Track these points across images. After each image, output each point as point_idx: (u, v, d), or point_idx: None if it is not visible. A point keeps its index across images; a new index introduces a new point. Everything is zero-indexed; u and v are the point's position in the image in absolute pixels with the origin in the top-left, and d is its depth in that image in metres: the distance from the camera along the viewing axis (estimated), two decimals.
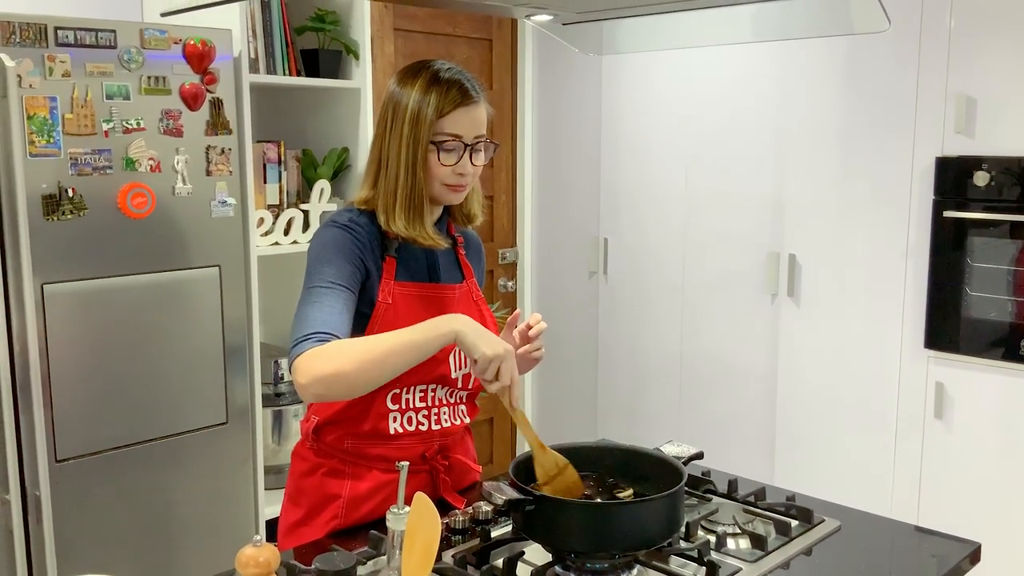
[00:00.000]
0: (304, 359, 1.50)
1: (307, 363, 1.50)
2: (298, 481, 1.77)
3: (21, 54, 2.22)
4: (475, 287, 1.84)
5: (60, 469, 2.36)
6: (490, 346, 1.51)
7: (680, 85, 3.45)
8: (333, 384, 1.50)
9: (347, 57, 3.18)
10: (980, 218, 2.79)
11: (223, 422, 2.69)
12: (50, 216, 2.30)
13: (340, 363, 1.49)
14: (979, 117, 2.77)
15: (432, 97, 1.64)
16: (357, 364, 1.49)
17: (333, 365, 1.49)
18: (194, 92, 2.53)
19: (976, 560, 1.64)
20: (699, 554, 1.51)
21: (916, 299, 2.94)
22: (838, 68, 3.04)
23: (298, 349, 1.52)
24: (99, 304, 2.41)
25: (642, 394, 3.71)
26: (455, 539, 1.62)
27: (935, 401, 2.92)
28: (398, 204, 1.66)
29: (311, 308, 1.57)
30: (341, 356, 1.50)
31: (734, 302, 3.39)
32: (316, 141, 3.29)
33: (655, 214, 3.58)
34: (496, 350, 1.50)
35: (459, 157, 1.67)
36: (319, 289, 1.59)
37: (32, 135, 2.25)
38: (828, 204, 3.12)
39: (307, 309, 1.58)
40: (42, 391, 2.30)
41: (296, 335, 1.55)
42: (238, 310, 2.70)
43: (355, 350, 1.52)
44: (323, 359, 1.49)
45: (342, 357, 1.50)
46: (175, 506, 2.59)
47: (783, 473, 3.28)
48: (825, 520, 1.71)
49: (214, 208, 2.61)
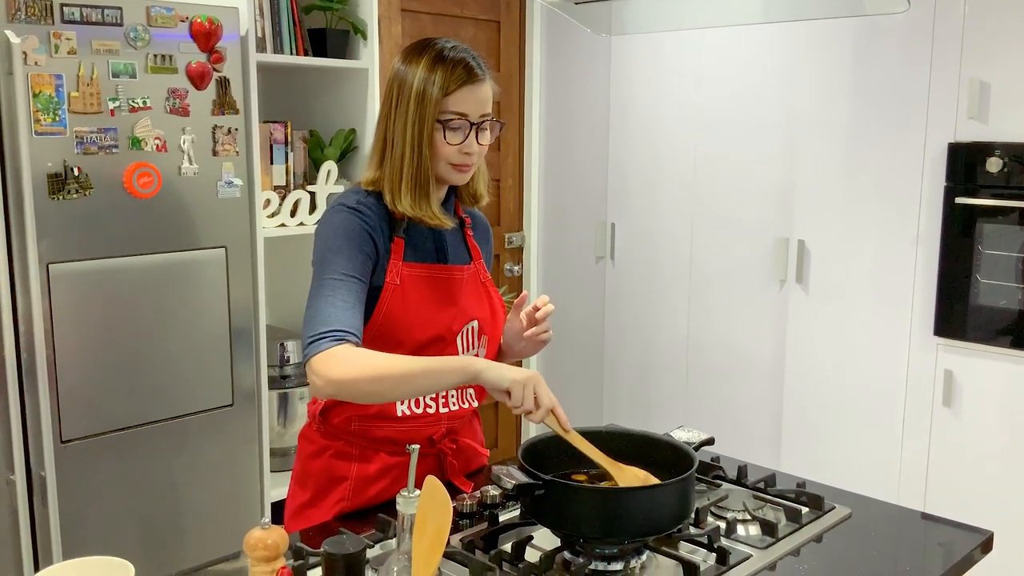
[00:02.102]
0: (321, 360, 1.48)
1: (324, 365, 1.48)
2: (305, 463, 1.76)
3: (27, 31, 2.20)
4: (483, 269, 1.82)
5: (65, 450, 2.36)
6: (516, 372, 1.48)
7: (689, 68, 3.42)
8: (347, 390, 1.50)
9: (355, 37, 3.15)
10: (992, 205, 2.76)
11: (229, 404, 2.68)
12: (56, 195, 2.29)
13: (358, 373, 1.47)
14: (992, 103, 2.74)
15: (437, 75, 1.62)
16: (375, 378, 1.48)
17: (351, 373, 1.47)
18: (201, 71, 2.51)
19: (988, 549, 1.63)
20: (709, 540, 1.50)
21: (926, 286, 2.92)
22: (850, 52, 3.01)
23: (315, 348, 1.50)
24: (105, 284, 2.40)
25: (649, 380, 3.69)
26: (463, 523, 1.62)
27: (944, 389, 2.90)
28: (404, 184, 1.65)
29: (324, 303, 1.54)
30: (360, 366, 1.48)
31: (742, 288, 3.37)
32: (323, 122, 3.27)
33: (663, 199, 3.56)
34: (524, 373, 1.48)
35: (465, 136, 1.64)
36: (332, 281, 1.57)
37: (38, 113, 2.23)
38: (838, 190, 3.09)
39: (320, 303, 1.55)
40: (47, 371, 2.29)
41: (312, 331, 1.52)
42: (244, 292, 2.69)
43: (375, 363, 1.49)
44: (341, 364, 1.47)
45: (361, 367, 1.48)
46: (180, 488, 2.59)
47: (790, 460, 3.27)
48: (836, 507, 1.70)
49: (220, 189, 2.59)
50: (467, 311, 1.74)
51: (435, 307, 1.69)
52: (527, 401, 1.47)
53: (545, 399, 1.48)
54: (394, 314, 1.64)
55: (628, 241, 3.70)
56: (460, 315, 1.72)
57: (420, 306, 1.66)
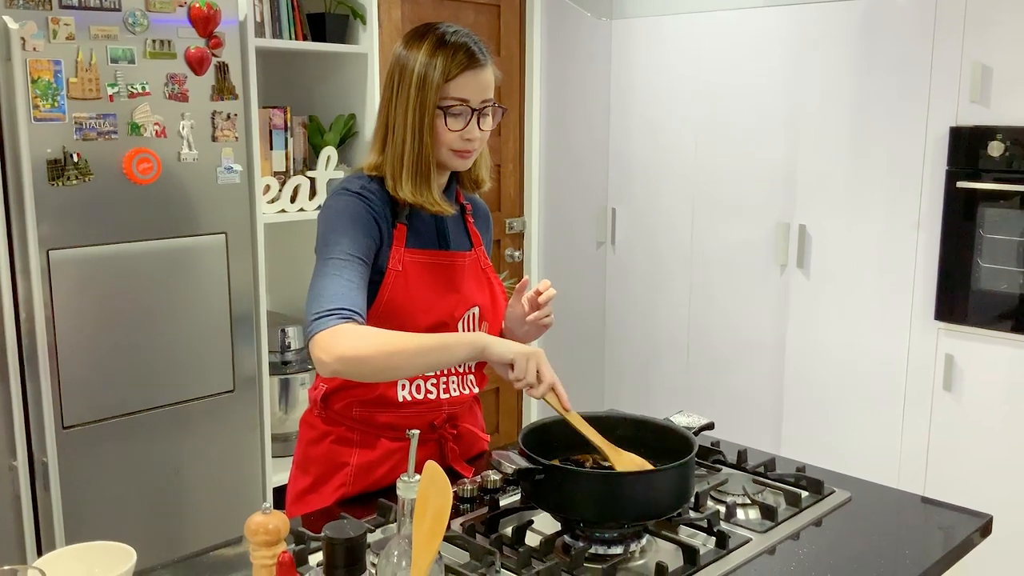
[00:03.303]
0: (328, 336, 1.46)
1: (332, 340, 1.46)
2: (306, 449, 1.77)
3: (25, 16, 2.19)
4: (483, 255, 1.82)
5: (67, 436, 2.36)
6: (521, 346, 1.53)
7: (691, 52, 3.41)
8: (355, 366, 1.47)
9: (354, 22, 3.14)
10: (993, 189, 2.76)
11: (230, 390, 2.68)
12: (55, 181, 2.28)
13: (368, 349, 1.46)
14: (995, 86, 2.73)
15: (439, 60, 1.61)
16: (386, 354, 1.47)
17: (360, 349, 1.46)
18: (199, 56, 2.50)
19: (987, 533, 1.63)
20: (709, 524, 1.51)
21: (927, 270, 2.92)
22: (852, 35, 3.00)
23: (321, 324, 1.48)
24: (105, 270, 2.40)
25: (650, 365, 3.70)
26: (464, 508, 1.62)
27: (944, 373, 2.91)
28: (405, 170, 1.64)
29: (330, 281, 1.53)
30: (370, 342, 1.47)
31: (743, 273, 3.37)
32: (323, 107, 3.26)
33: (664, 184, 3.55)
34: (528, 348, 1.52)
35: (466, 122, 1.64)
36: (337, 261, 1.56)
37: (36, 99, 2.22)
38: (839, 174, 3.09)
39: (325, 282, 1.53)
40: (48, 357, 2.29)
41: (316, 308, 1.50)
42: (244, 278, 2.69)
43: (385, 339, 1.49)
44: (350, 339, 1.46)
45: (371, 343, 1.47)
46: (182, 473, 2.60)
47: (791, 445, 3.28)
48: (835, 491, 1.71)
49: (220, 174, 2.59)
50: (469, 297, 1.74)
51: (437, 293, 1.69)
52: (530, 374, 1.50)
53: (547, 375, 1.51)
54: (396, 300, 1.64)
55: (629, 226, 3.70)
56: (462, 301, 1.72)
57: (422, 292, 1.66)
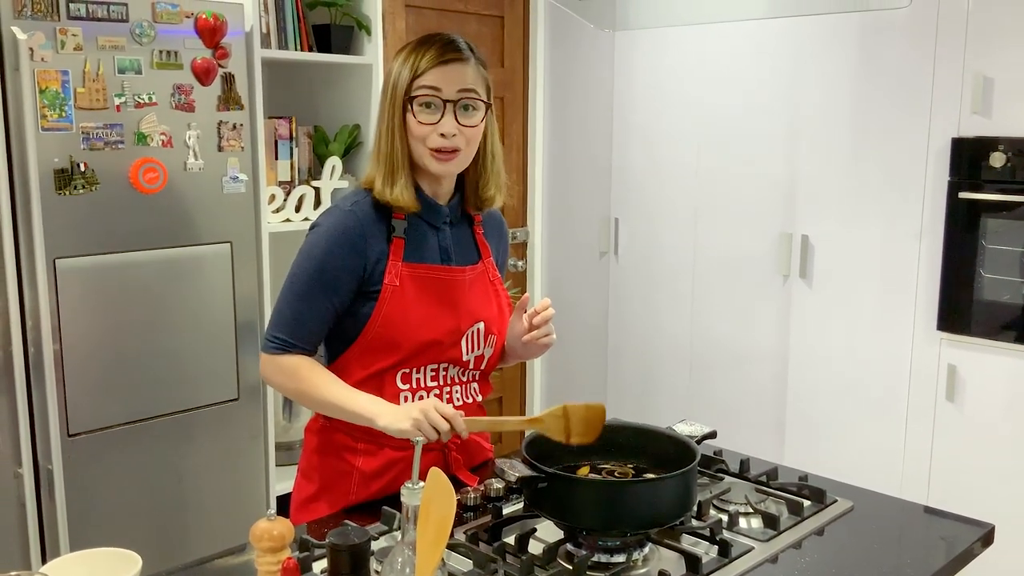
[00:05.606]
0: (264, 360, 1.68)
1: (265, 365, 1.68)
2: (311, 457, 1.77)
3: (33, 27, 2.21)
4: (492, 267, 1.80)
5: (72, 444, 2.37)
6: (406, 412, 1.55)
7: (693, 63, 3.42)
8: (280, 391, 1.74)
9: (359, 33, 3.16)
10: (995, 200, 2.76)
11: (234, 398, 2.69)
12: (62, 191, 2.30)
13: (287, 386, 1.67)
14: (996, 97, 2.74)
15: (413, 56, 1.62)
16: (296, 395, 1.67)
17: (278, 381, 1.67)
18: (206, 67, 2.52)
19: (989, 542, 1.63)
20: (711, 533, 1.51)
21: (929, 281, 2.93)
22: (853, 47, 3.01)
23: (265, 345, 1.67)
24: (111, 279, 2.41)
25: (652, 375, 3.70)
26: (467, 516, 1.62)
27: (947, 383, 2.91)
28: (382, 167, 1.64)
29: (292, 306, 1.64)
30: (289, 380, 1.65)
31: (746, 283, 3.37)
32: (328, 117, 3.28)
33: (666, 194, 3.56)
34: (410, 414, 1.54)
35: (439, 114, 1.60)
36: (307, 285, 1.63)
37: (44, 109, 2.24)
38: (841, 184, 3.10)
39: (288, 304, 1.65)
40: (54, 366, 2.30)
41: (270, 326, 1.67)
42: (249, 287, 2.70)
43: (302, 383, 1.64)
44: (276, 372, 1.66)
45: (290, 382, 1.65)
46: (186, 481, 2.61)
47: (793, 454, 3.28)
48: (838, 500, 1.71)
49: (225, 184, 2.60)
50: (473, 312, 1.73)
51: (435, 309, 1.67)
52: (431, 434, 1.53)
53: (440, 423, 1.54)
54: (393, 315, 1.64)
55: (631, 236, 3.70)
56: (465, 317, 1.71)
57: (419, 307, 1.65)
